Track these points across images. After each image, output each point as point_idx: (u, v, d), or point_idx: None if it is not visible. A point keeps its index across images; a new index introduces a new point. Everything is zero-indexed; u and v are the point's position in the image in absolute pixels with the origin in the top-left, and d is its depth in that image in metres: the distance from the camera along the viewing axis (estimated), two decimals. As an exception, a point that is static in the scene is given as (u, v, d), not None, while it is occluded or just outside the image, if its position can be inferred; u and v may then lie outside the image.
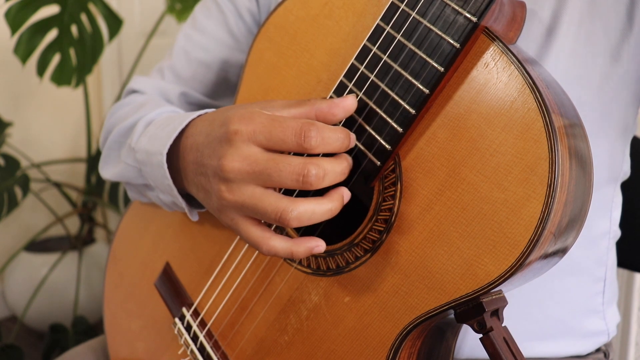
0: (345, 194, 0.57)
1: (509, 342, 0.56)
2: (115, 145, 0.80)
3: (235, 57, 0.87)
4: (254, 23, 0.86)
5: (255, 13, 0.86)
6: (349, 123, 0.60)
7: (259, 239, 0.57)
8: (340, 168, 0.56)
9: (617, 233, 0.84)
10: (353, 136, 0.57)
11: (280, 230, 0.64)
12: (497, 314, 0.56)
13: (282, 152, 0.56)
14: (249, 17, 0.86)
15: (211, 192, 0.58)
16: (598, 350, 0.84)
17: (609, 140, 0.74)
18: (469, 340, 0.76)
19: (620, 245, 0.88)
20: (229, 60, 0.87)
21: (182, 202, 0.69)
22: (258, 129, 0.54)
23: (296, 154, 0.56)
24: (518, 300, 0.71)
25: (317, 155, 0.57)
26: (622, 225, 0.85)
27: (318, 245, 0.57)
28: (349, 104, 0.57)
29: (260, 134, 0.54)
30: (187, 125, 0.66)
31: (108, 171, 0.80)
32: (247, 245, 0.69)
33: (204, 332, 0.72)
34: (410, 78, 0.56)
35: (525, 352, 0.67)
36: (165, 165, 0.67)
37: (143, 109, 0.78)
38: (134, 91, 0.90)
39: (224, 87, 0.88)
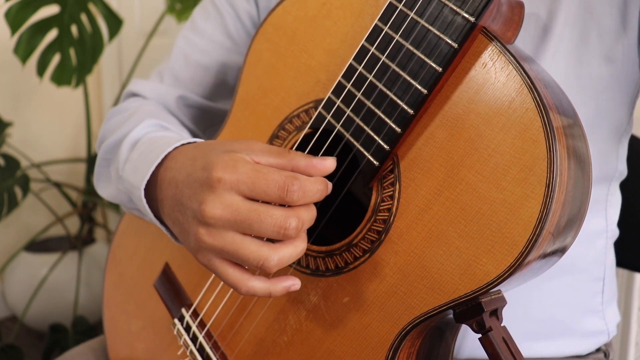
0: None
1: (508, 342, 0.56)
2: (104, 163, 0.81)
3: (233, 59, 0.87)
4: (253, 26, 0.87)
5: (254, 16, 0.86)
6: (347, 125, 0.60)
7: (238, 281, 0.58)
8: (312, 215, 0.57)
9: (615, 232, 0.84)
10: (330, 185, 0.58)
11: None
12: (496, 313, 0.56)
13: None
14: (248, 20, 0.86)
15: (189, 232, 0.59)
16: (598, 350, 0.84)
17: (602, 139, 0.74)
18: (469, 341, 0.76)
19: (620, 245, 0.88)
20: (227, 63, 0.87)
21: (167, 233, 0.70)
22: (242, 179, 0.55)
23: None
24: (517, 300, 0.71)
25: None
26: (622, 225, 0.85)
27: (294, 284, 0.58)
28: (327, 166, 0.58)
29: (244, 184, 0.55)
30: (166, 157, 0.66)
31: (103, 190, 0.81)
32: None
33: (203, 332, 0.72)
34: (408, 78, 0.56)
35: (525, 352, 0.68)
36: (144, 201, 0.68)
37: (131, 120, 0.79)
38: (133, 94, 0.90)
39: (222, 89, 0.88)
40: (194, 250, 0.60)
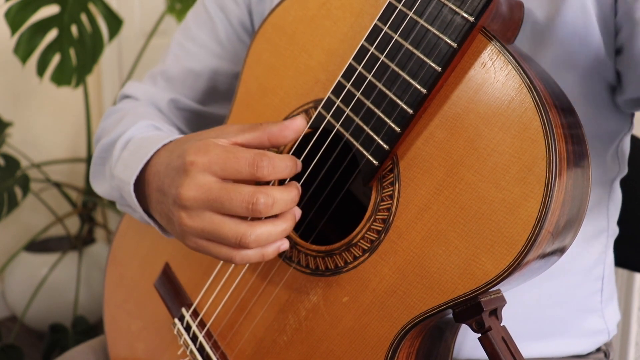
0: (297, 213, 0.61)
1: (507, 341, 0.56)
2: (99, 161, 0.82)
3: (223, 66, 0.88)
4: (244, 31, 0.87)
5: (245, 21, 0.87)
6: (346, 125, 0.60)
7: (230, 254, 0.60)
8: (290, 196, 0.59)
9: (615, 231, 0.84)
10: (299, 162, 0.61)
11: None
12: (495, 313, 0.56)
13: (238, 181, 0.58)
14: (239, 25, 0.87)
15: (172, 219, 0.62)
16: (598, 349, 0.84)
17: (601, 140, 0.74)
18: (469, 341, 0.76)
19: (620, 244, 0.88)
20: (217, 69, 0.88)
21: (155, 226, 0.72)
22: (213, 160, 0.58)
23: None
24: (516, 299, 0.71)
25: (269, 183, 0.61)
26: (622, 224, 0.85)
27: (283, 243, 0.61)
28: (297, 125, 0.60)
29: (216, 164, 0.57)
30: (154, 154, 0.68)
31: (99, 188, 0.83)
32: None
33: (203, 332, 0.72)
34: (407, 78, 0.56)
35: (524, 352, 0.67)
36: (133, 195, 0.70)
37: (125, 121, 0.81)
38: (126, 96, 0.91)
39: (213, 94, 0.89)
40: (180, 237, 0.62)
